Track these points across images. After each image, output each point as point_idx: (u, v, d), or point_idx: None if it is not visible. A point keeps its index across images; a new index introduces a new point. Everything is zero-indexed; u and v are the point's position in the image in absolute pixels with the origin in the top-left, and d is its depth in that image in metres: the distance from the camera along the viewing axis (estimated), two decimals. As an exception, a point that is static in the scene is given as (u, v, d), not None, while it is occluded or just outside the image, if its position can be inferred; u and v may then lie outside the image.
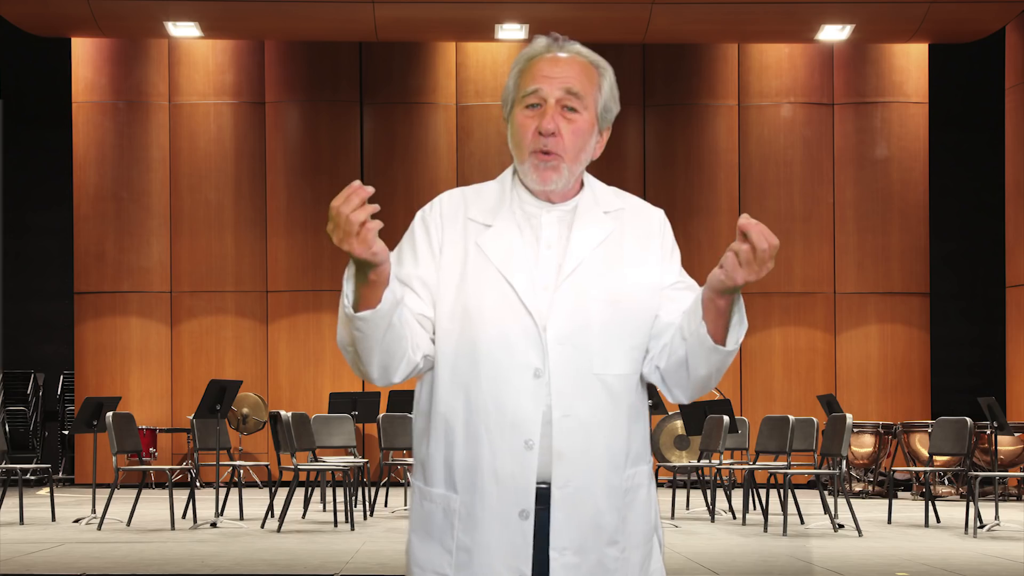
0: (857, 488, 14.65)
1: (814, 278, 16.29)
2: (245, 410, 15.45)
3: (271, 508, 11.22)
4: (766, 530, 10.71)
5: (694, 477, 13.29)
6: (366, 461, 12.60)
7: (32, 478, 15.84)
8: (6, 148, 16.32)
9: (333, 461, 11.80)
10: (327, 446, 12.69)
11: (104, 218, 16.13)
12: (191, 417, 12.05)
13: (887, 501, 12.32)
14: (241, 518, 11.54)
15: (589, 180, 2.58)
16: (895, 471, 13.69)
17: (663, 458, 14.71)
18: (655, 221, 2.58)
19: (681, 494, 13.80)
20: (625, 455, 2.50)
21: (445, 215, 2.53)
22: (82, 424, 11.81)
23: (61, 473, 16.55)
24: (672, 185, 16.23)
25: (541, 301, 2.45)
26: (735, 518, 11.76)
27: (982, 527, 10.74)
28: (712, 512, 11.84)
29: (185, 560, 8.68)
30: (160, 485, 15.52)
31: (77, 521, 11.26)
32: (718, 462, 12.11)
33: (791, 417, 11.42)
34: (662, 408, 13.77)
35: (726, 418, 11.75)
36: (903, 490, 14.95)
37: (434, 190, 14.59)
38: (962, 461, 12.16)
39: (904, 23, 15.29)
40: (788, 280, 16.19)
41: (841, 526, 10.82)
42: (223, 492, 12.06)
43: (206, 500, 12.89)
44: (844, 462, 11.36)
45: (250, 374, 15.94)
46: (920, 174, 16.28)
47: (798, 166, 16.34)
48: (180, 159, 16.25)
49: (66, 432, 16.41)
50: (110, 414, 10.97)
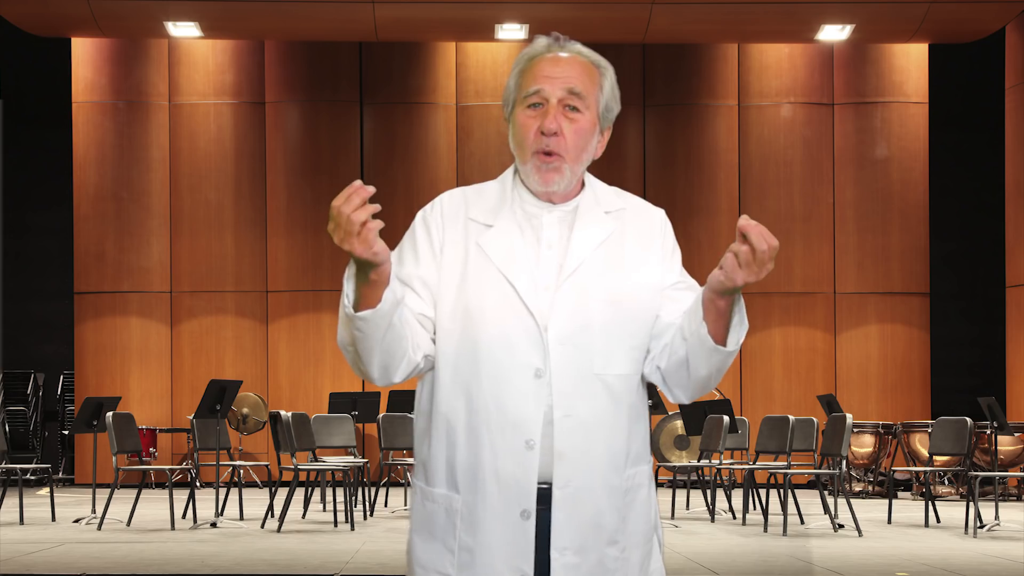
0: (857, 488, 14.65)
1: (814, 278, 16.29)
2: (245, 410, 15.45)
3: (271, 508, 11.22)
4: (766, 530, 10.71)
5: (694, 477, 13.29)
6: (366, 461, 12.60)
7: (32, 478, 15.83)
8: (6, 148, 16.31)
9: (333, 461, 11.79)
10: (327, 446, 12.69)
11: (104, 218, 16.13)
12: (191, 417, 12.05)
13: (887, 501, 12.32)
14: (241, 518, 11.54)
15: (590, 180, 2.58)
16: (895, 471, 13.68)
17: (663, 458, 14.71)
18: (656, 221, 2.58)
19: (681, 494, 13.79)
20: (625, 455, 2.50)
21: (446, 215, 2.53)
22: (82, 424, 11.81)
23: (61, 473, 16.54)
24: (672, 185, 16.23)
25: (542, 301, 2.44)
26: (735, 518, 11.76)
27: (982, 527, 10.74)
28: (712, 512, 11.83)
29: (185, 560, 8.68)
30: (160, 485, 15.52)
31: (77, 521, 11.26)
32: (718, 462, 12.11)
33: (791, 417, 11.42)
34: (662, 408, 13.77)
35: (726, 418, 11.75)
36: (903, 490, 14.95)
37: (434, 190, 14.59)
38: (962, 461, 12.16)
39: (904, 23, 15.29)
40: (788, 280, 16.18)
41: (841, 526, 10.82)
42: (223, 492, 12.06)
43: (206, 500, 12.88)
44: (844, 462, 11.36)
45: (250, 374, 15.94)
46: (920, 174, 16.27)
47: (798, 166, 16.34)
48: (180, 159, 16.25)
49: (66, 432, 16.41)
50: (110, 414, 10.97)
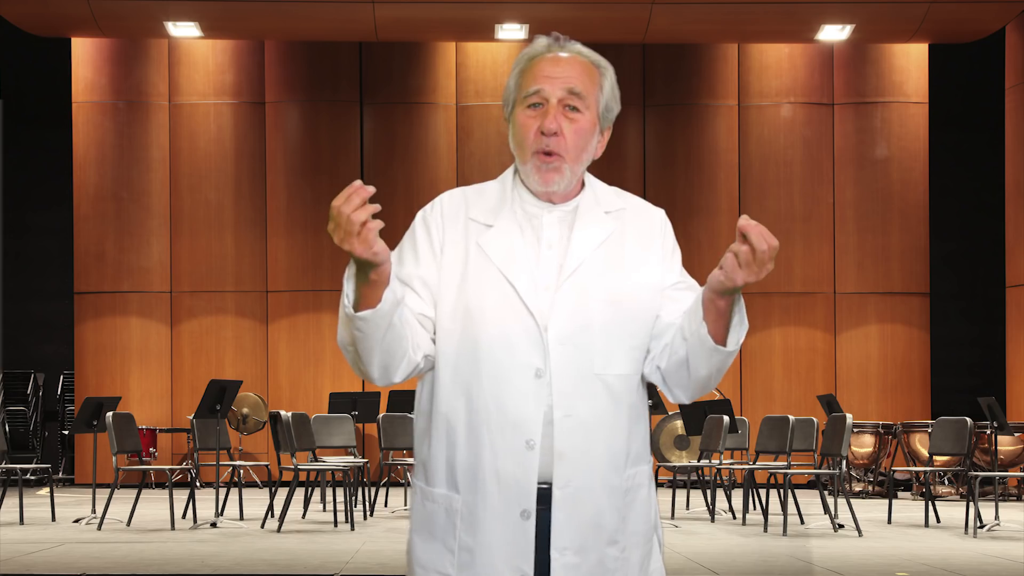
0: (857, 488, 14.65)
1: (814, 278, 16.29)
2: (245, 410, 15.45)
3: (271, 508, 11.22)
4: (766, 530, 10.71)
5: (694, 477, 13.28)
6: (366, 461, 12.60)
7: (32, 478, 15.83)
8: (6, 148, 16.31)
9: (333, 461, 11.79)
10: (327, 446, 12.69)
11: (104, 218, 16.12)
12: (191, 417, 12.05)
13: (887, 501, 12.32)
14: (241, 518, 11.54)
15: (590, 180, 2.58)
16: (895, 471, 13.68)
17: (663, 458, 14.70)
18: (656, 221, 2.58)
19: (681, 494, 13.79)
20: (625, 455, 2.50)
21: (446, 215, 2.53)
22: (82, 424, 11.81)
23: (61, 473, 16.54)
24: (672, 185, 16.23)
25: (542, 301, 2.44)
26: (735, 518, 11.76)
27: (982, 527, 10.74)
28: (712, 512, 11.83)
29: (185, 560, 8.68)
30: (160, 485, 15.52)
31: (77, 521, 11.26)
32: (718, 462, 12.10)
33: (791, 417, 11.41)
34: (662, 408, 13.76)
35: (726, 418, 11.75)
36: (903, 490, 14.95)
37: (434, 190, 14.59)
38: (962, 461, 12.16)
39: (904, 23, 15.29)
40: (788, 280, 16.18)
41: (841, 526, 10.82)
42: (223, 492, 12.05)
43: (206, 500, 12.88)
44: (844, 462, 11.36)
45: (250, 374, 15.94)
46: (920, 174, 16.27)
47: (798, 166, 16.34)
48: (180, 159, 16.25)
49: (66, 432, 16.41)
50: (110, 414, 10.97)
